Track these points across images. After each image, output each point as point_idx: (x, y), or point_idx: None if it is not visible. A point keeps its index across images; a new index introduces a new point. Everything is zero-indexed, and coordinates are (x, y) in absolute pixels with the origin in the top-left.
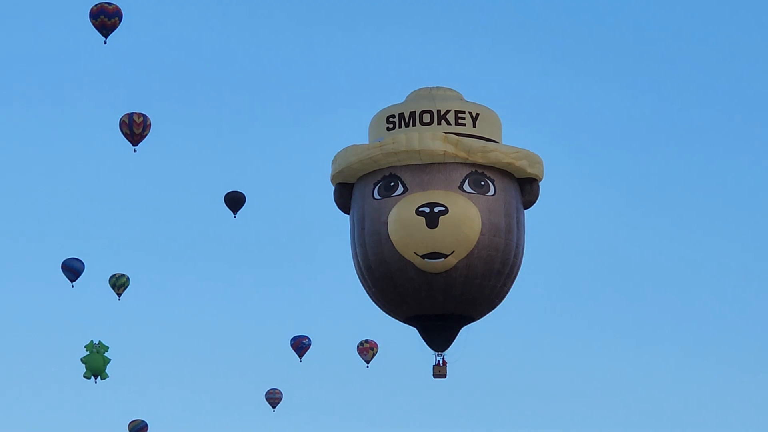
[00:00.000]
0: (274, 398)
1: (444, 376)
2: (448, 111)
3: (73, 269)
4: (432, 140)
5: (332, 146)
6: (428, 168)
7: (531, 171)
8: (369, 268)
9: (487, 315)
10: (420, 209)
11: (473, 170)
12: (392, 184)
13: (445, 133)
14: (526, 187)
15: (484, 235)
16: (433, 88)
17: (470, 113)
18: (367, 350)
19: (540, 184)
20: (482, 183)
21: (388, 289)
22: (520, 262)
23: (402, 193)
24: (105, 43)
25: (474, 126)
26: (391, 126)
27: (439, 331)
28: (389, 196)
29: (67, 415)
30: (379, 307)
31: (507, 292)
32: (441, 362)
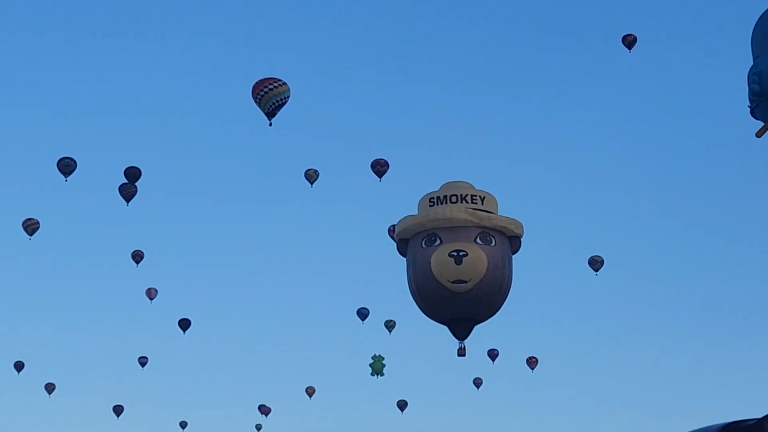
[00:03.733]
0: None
1: (464, 355)
2: (467, 195)
3: (362, 314)
4: (458, 212)
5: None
6: (455, 229)
7: (517, 231)
8: (419, 290)
9: (490, 318)
10: (451, 253)
11: (482, 231)
12: (433, 239)
13: (466, 208)
14: (514, 241)
15: (489, 270)
16: (456, 181)
17: (480, 196)
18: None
19: (521, 240)
20: (488, 238)
21: (431, 303)
22: (510, 287)
23: (439, 244)
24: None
25: (482, 204)
26: (432, 204)
27: (461, 327)
28: (431, 246)
29: (358, 396)
30: (425, 314)
31: (502, 305)
32: (463, 347)
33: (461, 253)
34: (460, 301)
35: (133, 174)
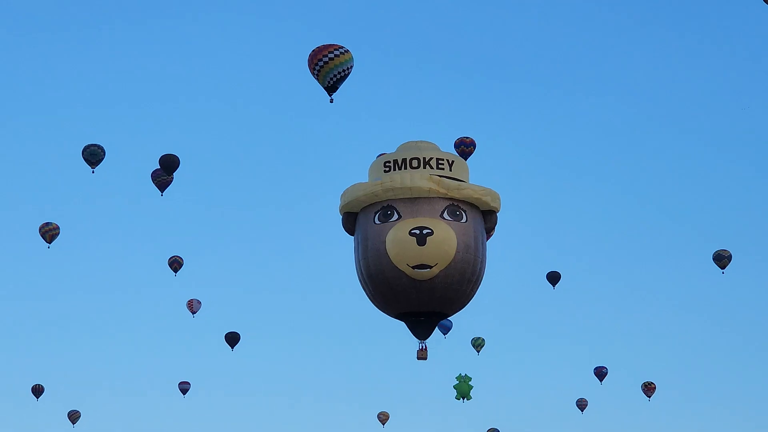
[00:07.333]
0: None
1: (426, 359)
2: (431, 158)
3: (444, 327)
4: (420, 180)
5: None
6: (417, 201)
7: (492, 204)
8: (371, 276)
9: (459, 312)
10: (412, 231)
11: (451, 203)
12: (389, 212)
13: (430, 175)
14: (488, 217)
15: (459, 252)
16: (417, 141)
17: (447, 160)
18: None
19: (497, 214)
20: (457, 213)
21: (386, 292)
22: (483, 272)
23: (397, 219)
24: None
25: (450, 170)
26: (387, 169)
27: (422, 324)
28: (387, 222)
29: (440, 424)
30: (376, 306)
31: (473, 295)
32: (423, 348)
33: (425, 232)
34: (422, 290)
35: (170, 163)
